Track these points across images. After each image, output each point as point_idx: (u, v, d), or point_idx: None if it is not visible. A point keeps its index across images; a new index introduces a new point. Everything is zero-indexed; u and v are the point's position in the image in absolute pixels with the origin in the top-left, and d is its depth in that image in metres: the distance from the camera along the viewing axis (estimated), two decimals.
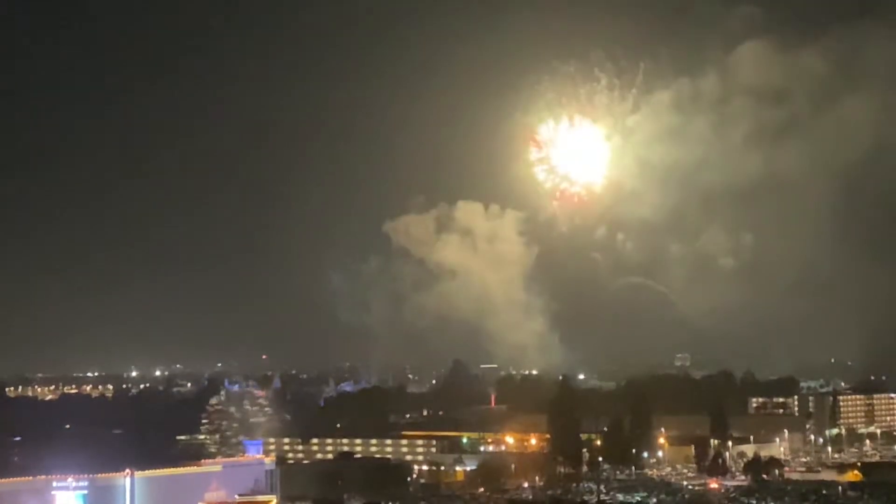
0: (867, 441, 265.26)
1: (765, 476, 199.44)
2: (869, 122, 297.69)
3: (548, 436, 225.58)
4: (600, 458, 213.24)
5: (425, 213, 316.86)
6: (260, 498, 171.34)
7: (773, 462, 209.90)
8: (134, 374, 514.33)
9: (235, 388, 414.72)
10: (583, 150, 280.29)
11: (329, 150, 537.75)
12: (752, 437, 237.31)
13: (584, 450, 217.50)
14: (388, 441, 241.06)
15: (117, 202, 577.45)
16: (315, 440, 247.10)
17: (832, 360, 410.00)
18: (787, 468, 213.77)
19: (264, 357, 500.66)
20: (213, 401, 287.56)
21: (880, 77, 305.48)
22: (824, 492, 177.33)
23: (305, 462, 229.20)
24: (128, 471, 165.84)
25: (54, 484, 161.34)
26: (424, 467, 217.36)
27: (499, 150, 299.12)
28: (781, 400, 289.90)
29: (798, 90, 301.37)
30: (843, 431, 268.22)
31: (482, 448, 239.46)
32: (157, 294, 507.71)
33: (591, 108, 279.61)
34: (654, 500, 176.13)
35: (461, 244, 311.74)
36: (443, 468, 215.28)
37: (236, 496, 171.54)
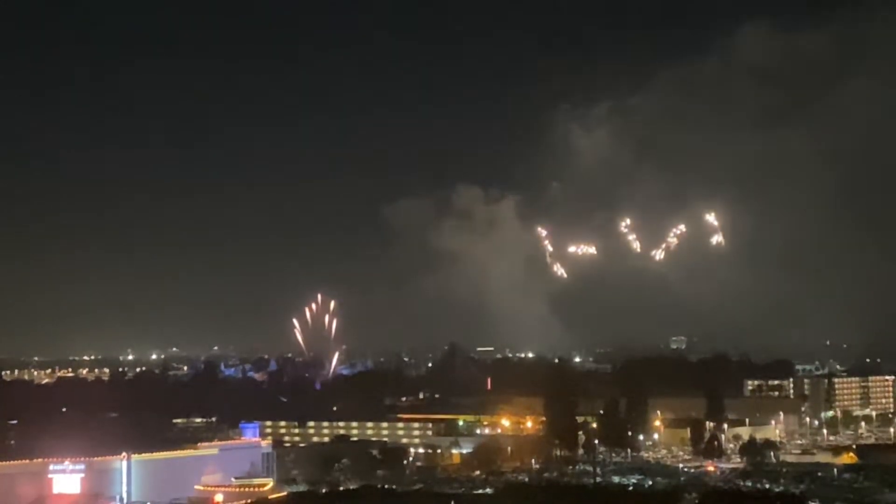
0: (862, 423, 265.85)
1: (760, 458, 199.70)
2: (869, 105, 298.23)
3: (544, 418, 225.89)
4: (596, 441, 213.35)
5: (424, 196, 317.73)
6: (256, 481, 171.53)
7: (769, 444, 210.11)
8: (130, 357, 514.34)
9: (232, 371, 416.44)
10: (584, 133, 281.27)
11: (329, 136, 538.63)
12: (747, 420, 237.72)
13: (580, 432, 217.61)
14: (385, 424, 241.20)
15: (115, 189, 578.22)
16: (311, 423, 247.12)
17: (828, 343, 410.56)
18: (782, 450, 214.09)
19: (259, 341, 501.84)
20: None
21: (881, 60, 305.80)
22: (819, 474, 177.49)
23: (302, 445, 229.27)
24: (124, 454, 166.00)
25: (51, 467, 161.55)
26: (421, 450, 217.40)
27: (500, 132, 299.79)
28: (777, 382, 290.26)
29: (799, 72, 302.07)
30: (839, 414, 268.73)
31: (478, 431, 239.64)
32: (153, 278, 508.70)
33: (593, 89, 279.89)
34: (650, 482, 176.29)
35: (460, 228, 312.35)
36: (439, 451, 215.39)
37: (233, 479, 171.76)
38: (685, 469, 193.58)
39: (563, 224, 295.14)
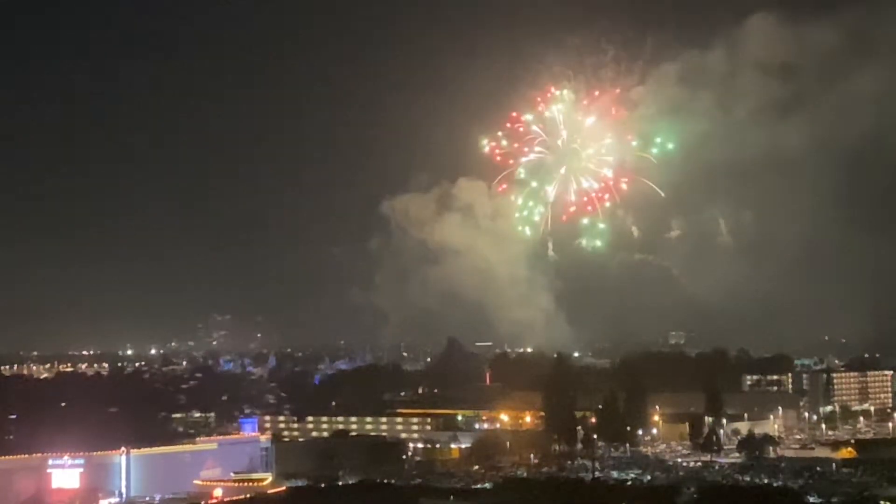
0: (861, 418, 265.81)
1: (759, 453, 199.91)
2: (873, 99, 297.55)
3: (542, 413, 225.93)
4: (595, 436, 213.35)
5: (426, 191, 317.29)
6: (255, 476, 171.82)
7: (768, 439, 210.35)
8: (129, 352, 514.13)
9: (230, 366, 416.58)
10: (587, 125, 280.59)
11: (329, 129, 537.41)
12: (746, 415, 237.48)
13: (579, 427, 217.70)
14: (384, 419, 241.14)
15: (111, 180, 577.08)
16: (310, 418, 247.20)
17: (826, 338, 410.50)
18: (781, 445, 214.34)
19: (258, 335, 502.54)
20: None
21: (886, 53, 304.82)
22: (818, 469, 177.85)
23: (301, 440, 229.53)
24: (123, 449, 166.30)
25: (50, 462, 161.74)
26: (419, 445, 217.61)
27: (502, 125, 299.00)
28: (776, 377, 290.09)
29: (804, 65, 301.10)
30: (837, 409, 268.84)
31: (477, 426, 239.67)
32: (152, 272, 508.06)
33: (597, 81, 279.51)
34: (649, 477, 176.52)
35: (460, 222, 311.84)
36: (438, 446, 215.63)
37: (232, 474, 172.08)
38: (684, 464, 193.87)
39: (564, 218, 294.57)
